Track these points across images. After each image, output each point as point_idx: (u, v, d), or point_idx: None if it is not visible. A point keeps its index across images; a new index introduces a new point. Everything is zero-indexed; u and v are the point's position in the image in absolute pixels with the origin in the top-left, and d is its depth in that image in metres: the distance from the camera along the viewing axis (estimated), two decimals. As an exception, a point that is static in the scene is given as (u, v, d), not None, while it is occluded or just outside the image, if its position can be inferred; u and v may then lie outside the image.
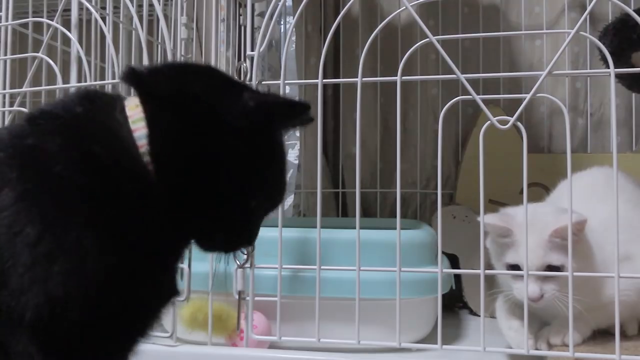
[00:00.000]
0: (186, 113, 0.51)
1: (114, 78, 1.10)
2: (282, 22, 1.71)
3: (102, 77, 1.21)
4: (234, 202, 0.53)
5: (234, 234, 0.56)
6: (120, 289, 0.47)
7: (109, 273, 0.46)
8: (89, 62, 1.11)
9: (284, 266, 0.94)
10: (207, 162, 0.51)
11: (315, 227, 0.92)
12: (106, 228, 0.46)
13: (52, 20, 1.09)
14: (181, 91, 0.53)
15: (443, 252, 0.95)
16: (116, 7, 1.20)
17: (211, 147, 0.51)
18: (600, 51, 0.89)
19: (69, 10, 1.10)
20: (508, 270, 0.89)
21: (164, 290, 0.52)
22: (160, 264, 0.51)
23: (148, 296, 0.50)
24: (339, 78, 1.53)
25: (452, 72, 0.88)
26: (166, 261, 0.52)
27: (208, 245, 0.56)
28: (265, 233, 0.97)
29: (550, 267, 0.86)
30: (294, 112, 0.57)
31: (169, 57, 1.00)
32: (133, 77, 0.54)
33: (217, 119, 0.52)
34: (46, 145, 0.48)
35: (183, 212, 0.51)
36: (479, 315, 0.89)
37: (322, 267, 0.92)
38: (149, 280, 0.50)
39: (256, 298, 0.95)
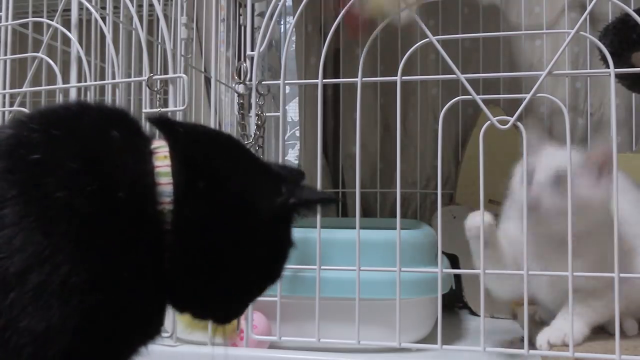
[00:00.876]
0: (223, 194, 0.50)
1: (113, 78, 1.10)
2: (282, 22, 1.71)
3: (102, 77, 1.21)
4: (237, 284, 0.52)
5: (226, 311, 0.55)
6: (103, 327, 0.45)
7: (93, 311, 0.44)
8: (89, 62, 1.11)
9: (284, 266, 0.94)
10: (227, 245, 0.50)
11: (315, 227, 0.92)
12: (101, 268, 0.44)
13: (52, 20, 1.09)
14: (221, 169, 0.51)
15: (443, 252, 0.95)
16: (116, 7, 1.20)
17: (235, 233, 0.50)
18: (600, 51, 0.89)
19: (69, 10, 1.10)
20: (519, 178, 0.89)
21: (148, 332, 0.51)
22: (147, 312, 0.49)
23: (131, 336, 0.49)
24: (339, 78, 1.53)
25: (452, 72, 0.88)
26: (153, 310, 0.50)
27: (199, 315, 0.55)
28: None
29: (558, 178, 0.85)
30: (322, 205, 0.57)
31: (169, 57, 1.00)
32: (167, 129, 0.52)
33: (251, 210, 0.50)
34: (57, 164, 0.44)
35: (185, 281, 0.50)
36: (479, 315, 0.89)
37: (322, 267, 0.92)
38: (134, 323, 0.48)
39: (256, 298, 0.95)
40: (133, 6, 1.05)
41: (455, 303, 1.35)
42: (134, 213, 0.46)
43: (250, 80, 0.98)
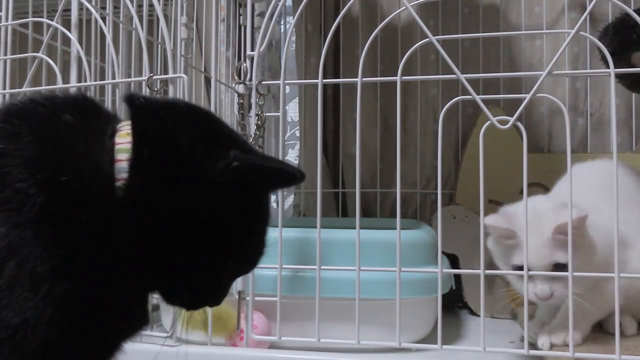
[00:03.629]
0: (172, 160, 0.49)
1: (113, 78, 1.10)
2: (282, 22, 1.71)
3: (102, 77, 1.21)
4: (206, 258, 0.50)
5: (200, 293, 0.53)
6: (79, 316, 0.45)
7: (65, 300, 0.44)
8: (89, 62, 1.11)
9: (284, 266, 0.94)
10: (183, 213, 0.49)
11: (315, 227, 0.92)
12: (63, 255, 0.44)
13: (52, 20, 1.09)
14: (173, 137, 0.50)
15: (443, 252, 0.95)
16: (116, 7, 1.20)
17: (190, 199, 0.49)
18: (600, 51, 0.89)
19: (69, 10, 1.10)
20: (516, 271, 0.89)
21: (128, 320, 0.50)
22: (122, 296, 0.48)
23: (109, 324, 0.48)
24: (339, 78, 1.53)
25: (452, 72, 0.88)
26: (129, 293, 0.49)
27: (171, 299, 0.53)
28: (265, 233, 0.98)
29: (558, 265, 0.85)
30: (279, 180, 0.54)
31: (169, 57, 1.00)
32: (131, 104, 0.52)
33: (200, 173, 0.49)
34: (16, 154, 0.45)
35: (149, 256, 0.48)
36: (479, 315, 0.89)
37: (322, 267, 0.92)
38: (111, 309, 0.47)
39: (256, 298, 0.95)
40: (133, 6, 1.05)
41: (455, 303, 1.35)
42: (81, 194, 0.46)
43: (250, 80, 0.98)
